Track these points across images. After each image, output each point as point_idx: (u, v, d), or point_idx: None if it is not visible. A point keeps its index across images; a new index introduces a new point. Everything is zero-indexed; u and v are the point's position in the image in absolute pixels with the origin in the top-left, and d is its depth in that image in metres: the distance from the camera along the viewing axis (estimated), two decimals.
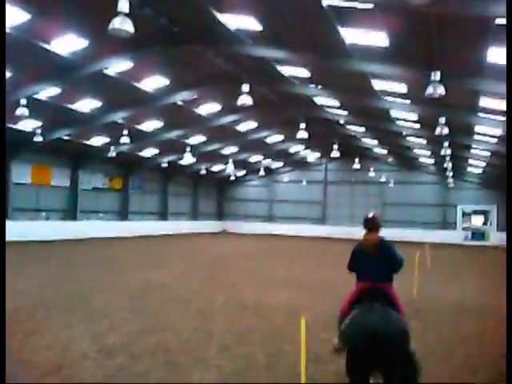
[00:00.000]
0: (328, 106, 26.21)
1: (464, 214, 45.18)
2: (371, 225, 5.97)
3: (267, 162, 45.80)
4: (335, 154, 32.08)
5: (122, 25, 11.01)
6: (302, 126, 24.22)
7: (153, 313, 9.63)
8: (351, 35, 14.83)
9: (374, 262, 5.71)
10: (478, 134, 24.92)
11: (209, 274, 16.11)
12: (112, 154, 30.83)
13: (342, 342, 5.26)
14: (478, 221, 45.21)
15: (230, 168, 40.60)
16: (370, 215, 6.09)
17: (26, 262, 16.32)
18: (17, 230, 25.21)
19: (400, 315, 5.21)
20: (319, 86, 22.02)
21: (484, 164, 34.29)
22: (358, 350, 4.70)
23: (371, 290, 5.50)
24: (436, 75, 14.19)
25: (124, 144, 28.59)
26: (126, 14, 11.05)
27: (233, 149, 39.16)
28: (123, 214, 39.27)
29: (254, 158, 44.41)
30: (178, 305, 10.57)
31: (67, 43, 17.65)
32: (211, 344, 7.44)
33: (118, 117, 26.32)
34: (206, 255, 23.36)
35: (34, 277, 13.71)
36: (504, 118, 20.33)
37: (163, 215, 44.32)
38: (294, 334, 7.54)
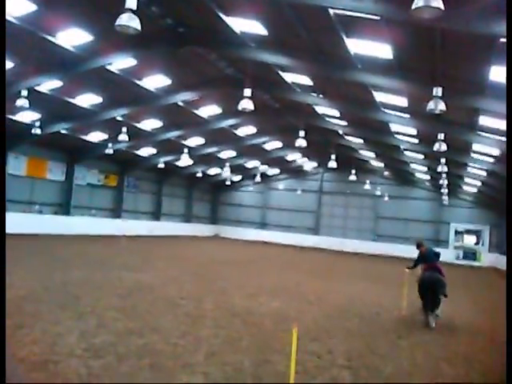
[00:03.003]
0: (328, 116, 26.22)
1: (457, 233, 45.17)
2: (421, 243, 12.56)
3: (264, 168, 45.75)
4: (332, 164, 32.07)
5: (129, 22, 10.92)
6: (301, 134, 24.18)
7: (141, 314, 9.52)
8: (356, 46, 14.86)
9: (429, 256, 11.99)
10: (476, 152, 24.98)
11: (199, 278, 15.99)
12: (109, 150, 30.67)
13: (420, 283, 11.32)
14: (470, 240, 45.23)
15: (226, 172, 40.50)
16: (419, 240, 13.00)
17: (16, 255, 16.15)
18: (8, 222, 24.91)
19: (443, 276, 11.36)
20: (320, 95, 22.03)
21: (479, 183, 34.37)
22: (428, 284, 11.06)
23: (430, 266, 11.60)
24: (438, 91, 14.17)
25: (122, 142, 28.46)
26: (134, 11, 10.99)
27: (230, 153, 39.11)
28: (116, 212, 39.08)
29: (251, 164, 44.36)
30: (167, 307, 10.46)
31: (72, 37, 17.59)
32: (199, 349, 7.34)
33: (118, 114, 26.22)
34: (198, 259, 23.25)
35: (23, 270, 13.56)
36: (503, 138, 20.40)
37: (156, 215, 44.15)
38: (282, 344, 7.50)
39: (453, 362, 8.06)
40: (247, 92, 17.53)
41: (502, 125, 18.76)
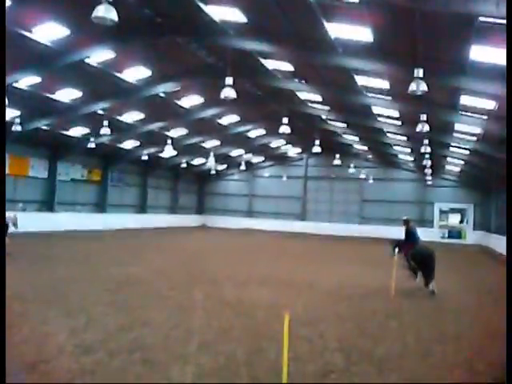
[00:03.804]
0: (310, 101, 26.20)
1: (441, 212, 45.66)
2: (408, 220, 14.58)
3: (248, 156, 45.67)
4: (316, 149, 32.12)
5: (107, 13, 10.81)
6: (285, 120, 24.15)
7: (131, 308, 9.48)
8: (336, 30, 14.81)
9: (415, 233, 14.15)
10: (458, 132, 25.15)
11: (188, 269, 15.95)
12: (91, 145, 30.37)
13: (414, 256, 13.14)
14: (454, 219, 45.74)
15: (210, 162, 40.34)
16: (405, 217, 14.74)
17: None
18: None
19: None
20: (302, 81, 21.98)
21: (462, 162, 34.66)
22: (424, 256, 12.66)
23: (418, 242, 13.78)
24: (419, 72, 14.19)
25: (104, 135, 28.18)
26: (110, 2, 10.84)
27: (214, 142, 38.95)
28: (101, 207, 38.79)
29: (235, 152, 44.24)
30: (157, 300, 10.43)
31: (48, 31, 17.31)
32: (191, 340, 7.33)
33: (99, 107, 25.92)
34: (186, 250, 23.22)
35: (9, 269, 13.39)
36: (484, 117, 20.56)
37: (142, 208, 43.94)
38: (274, 331, 7.53)
39: (442, 341, 8.15)
40: (229, 80, 17.41)
41: (483, 103, 18.91)
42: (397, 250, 13.65)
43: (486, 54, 14.01)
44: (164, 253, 21.20)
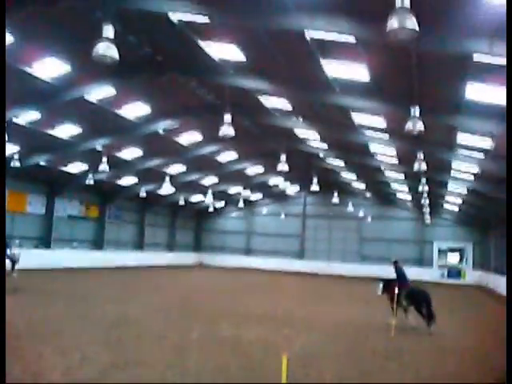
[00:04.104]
0: (308, 139, 26.37)
1: (440, 251, 45.40)
2: (397, 261, 14.50)
3: (246, 193, 45.66)
4: (314, 187, 32.16)
5: (107, 51, 10.92)
6: (283, 158, 24.24)
7: (126, 346, 9.26)
8: (333, 69, 15.01)
9: (404, 273, 14.07)
10: (455, 170, 25.23)
11: (184, 308, 15.68)
12: (89, 181, 30.36)
13: (408, 298, 13.32)
14: (454, 258, 45.43)
15: (208, 199, 40.32)
16: (394, 259, 14.72)
17: None
18: None
19: None
20: (300, 119, 22.17)
21: (461, 201, 34.67)
22: (420, 296, 13.11)
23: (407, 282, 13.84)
24: (415, 111, 14.34)
25: (102, 172, 28.18)
26: (111, 40, 10.99)
27: (212, 179, 39.02)
28: (98, 244, 38.53)
29: (234, 190, 44.30)
30: (152, 339, 10.19)
31: (49, 67, 17.52)
32: (186, 381, 7.12)
33: (98, 144, 26.03)
34: (182, 289, 22.92)
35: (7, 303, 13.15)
36: (481, 156, 20.66)
37: (139, 245, 43.65)
38: (271, 372, 7.32)
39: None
40: (227, 118, 17.56)
41: (479, 142, 19.03)
42: (381, 288, 14.09)
43: (482, 92, 14.18)
44: (160, 291, 20.90)
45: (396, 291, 13.08)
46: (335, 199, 39.37)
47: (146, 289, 21.64)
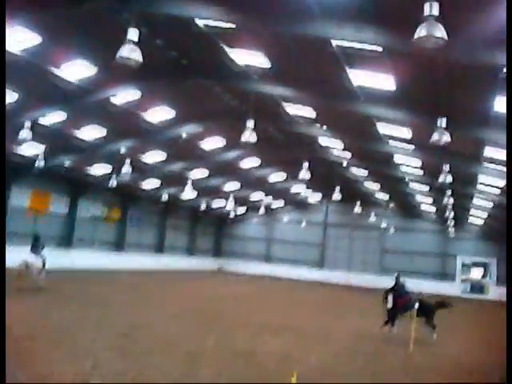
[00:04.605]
0: (332, 148, 26.16)
1: (463, 266, 44.56)
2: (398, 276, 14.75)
3: (268, 200, 45.54)
4: (336, 196, 31.87)
5: (131, 54, 10.93)
6: (305, 165, 24.06)
7: (139, 353, 9.14)
8: (359, 77, 14.84)
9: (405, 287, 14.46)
10: (481, 184, 24.75)
11: (201, 315, 15.54)
12: (112, 184, 30.58)
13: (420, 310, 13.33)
14: (477, 273, 44.54)
15: (230, 205, 40.30)
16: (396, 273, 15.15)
17: (15, 290, 15.78)
18: (9, 256, 24.56)
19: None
20: (324, 127, 21.97)
21: (486, 215, 34.02)
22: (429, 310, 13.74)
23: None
24: (442, 122, 14.07)
25: (125, 174, 28.35)
26: (135, 43, 11.01)
27: (234, 185, 38.97)
28: (120, 246, 38.76)
29: (255, 196, 44.18)
30: (167, 346, 10.05)
31: (76, 69, 17.66)
32: None
33: (122, 147, 26.19)
34: (200, 295, 22.81)
35: (21, 306, 13.24)
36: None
37: (159, 249, 43.79)
38: None
39: None
40: (250, 124, 17.48)
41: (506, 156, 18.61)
42: (390, 299, 14.01)
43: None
44: (178, 297, 20.84)
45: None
46: (357, 209, 38.94)
47: (164, 294, 21.60)
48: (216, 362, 8.93)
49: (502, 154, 18.62)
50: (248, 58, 15.65)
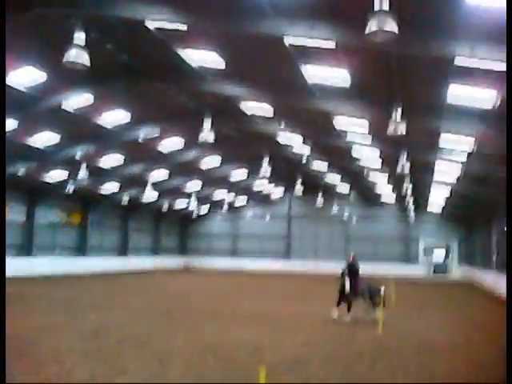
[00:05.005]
0: (291, 143, 26.16)
1: (426, 249, 45.67)
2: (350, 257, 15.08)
3: (231, 196, 45.42)
4: (298, 189, 32.05)
5: (78, 58, 10.73)
6: (266, 161, 24.06)
7: (106, 356, 8.92)
8: (313, 74, 14.83)
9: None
10: (439, 171, 25.24)
11: (168, 313, 15.34)
12: (69, 189, 29.88)
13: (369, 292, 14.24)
14: (439, 255, 45.73)
15: (192, 204, 39.99)
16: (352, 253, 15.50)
17: None
18: None
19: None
20: (282, 123, 21.93)
21: (445, 200, 34.79)
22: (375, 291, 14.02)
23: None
24: (397, 113, 14.27)
25: (83, 179, 27.66)
26: (82, 47, 10.76)
27: (196, 184, 38.65)
28: (82, 250, 37.95)
29: (218, 194, 43.97)
30: (134, 347, 9.85)
31: (25, 75, 17.08)
32: None
33: (76, 152, 25.54)
34: (166, 293, 22.55)
35: None
36: (463, 157, 20.68)
37: (123, 251, 43.11)
38: (257, 377, 6.99)
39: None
40: (207, 124, 17.35)
41: (462, 143, 19.02)
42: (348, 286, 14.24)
43: (464, 95, 14.14)
44: (143, 297, 20.49)
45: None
46: (320, 200, 39.39)
47: (129, 294, 21.24)
48: (185, 360, 8.79)
49: (456, 141, 19.02)
50: (202, 57, 15.43)
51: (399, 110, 14.29)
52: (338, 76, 14.67)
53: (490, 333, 13.07)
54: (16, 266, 28.80)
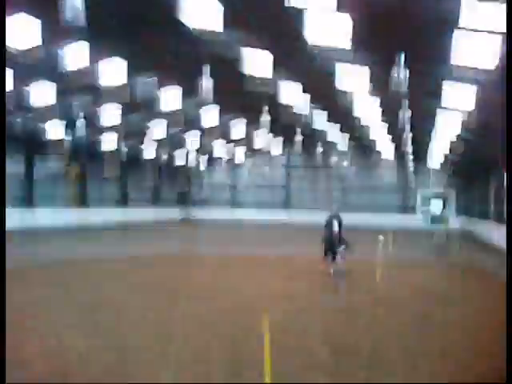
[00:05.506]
0: (290, 92, 25.73)
1: (423, 199, 45.80)
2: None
3: (230, 147, 45.19)
4: (298, 139, 31.84)
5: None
6: (265, 110, 23.75)
7: (104, 331, 8.34)
8: (315, 20, 14.45)
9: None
10: (441, 119, 24.97)
11: (168, 280, 13.39)
12: (68, 140, 29.63)
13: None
14: (437, 205, 45.89)
15: (192, 154, 39.79)
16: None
17: None
18: None
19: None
20: (282, 70, 21.46)
21: (445, 150, 34.61)
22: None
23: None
24: (400, 59, 14.03)
25: (81, 130, 27.40)
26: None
27: (195, 135, 38.34)
28: (82, 201, 37.98)
29: (217, 144, 43.71)
30: (132, 322, 8.96)
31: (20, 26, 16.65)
32: (166, 365, 6.65)
33: (75, 103, 25.20)
34: (165, 256, 19.06)
35: None
36: (467, 108, 20.40)
37: (123, 202, 43.23)
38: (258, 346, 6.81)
39: (426, 329, 8.26)
40: (206, 72, 17.01)
41: (466, 91, 18.72)
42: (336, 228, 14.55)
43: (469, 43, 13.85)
44: (140, 258, 17.99)
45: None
46: (319, 149, 39.33)
47: (126, 253, 19.41)
48: (183, 334, 8.13)
49: (459, 90, 18.71)
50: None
51: (402, 54, 14.01)
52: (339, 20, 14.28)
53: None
54: (16, 218, 28.47)
